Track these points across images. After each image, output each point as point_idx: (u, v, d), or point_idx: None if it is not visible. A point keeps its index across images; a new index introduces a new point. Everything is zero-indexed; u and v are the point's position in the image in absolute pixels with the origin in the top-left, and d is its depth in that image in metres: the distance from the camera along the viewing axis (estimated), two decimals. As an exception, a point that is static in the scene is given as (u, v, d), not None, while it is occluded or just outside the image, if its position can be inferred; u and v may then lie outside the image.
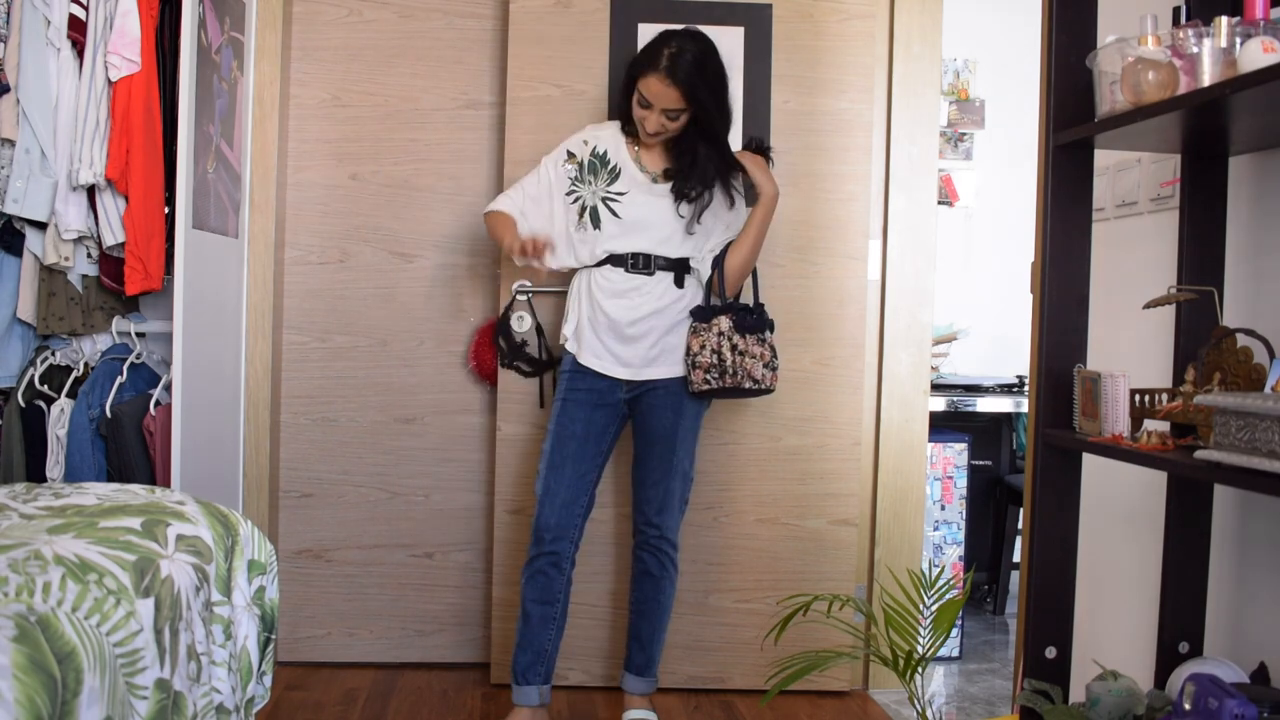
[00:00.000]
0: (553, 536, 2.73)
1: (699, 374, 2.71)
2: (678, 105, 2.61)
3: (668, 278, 2.74)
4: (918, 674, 2.14)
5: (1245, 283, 2.01)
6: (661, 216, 2.72)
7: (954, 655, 3.67)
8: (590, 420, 2.76)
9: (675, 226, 2.73)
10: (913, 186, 3.33)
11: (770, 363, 2.76)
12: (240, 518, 2.10)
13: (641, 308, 2.72)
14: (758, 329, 2.75)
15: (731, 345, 2.71)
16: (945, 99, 4.78)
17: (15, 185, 2.75)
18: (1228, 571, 2.04)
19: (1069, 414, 2.00)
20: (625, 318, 2.72)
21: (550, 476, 2.73)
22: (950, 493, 3.71)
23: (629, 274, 2.72)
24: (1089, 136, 1.93)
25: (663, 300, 2.73)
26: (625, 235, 2.72)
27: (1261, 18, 1.66)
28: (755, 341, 2.74)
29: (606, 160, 2.76)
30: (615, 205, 2.73)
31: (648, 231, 2.72)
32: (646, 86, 2.60)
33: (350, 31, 3.33)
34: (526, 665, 2.78)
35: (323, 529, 3.36)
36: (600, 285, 2.74)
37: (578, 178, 2.77)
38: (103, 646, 1.51)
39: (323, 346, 3.36)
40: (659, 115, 2.63)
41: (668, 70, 2.57)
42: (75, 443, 2.89)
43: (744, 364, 2.72)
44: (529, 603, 2.78)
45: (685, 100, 2.60)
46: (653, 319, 2.73)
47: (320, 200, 3.35)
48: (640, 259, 2.72)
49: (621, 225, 2.72)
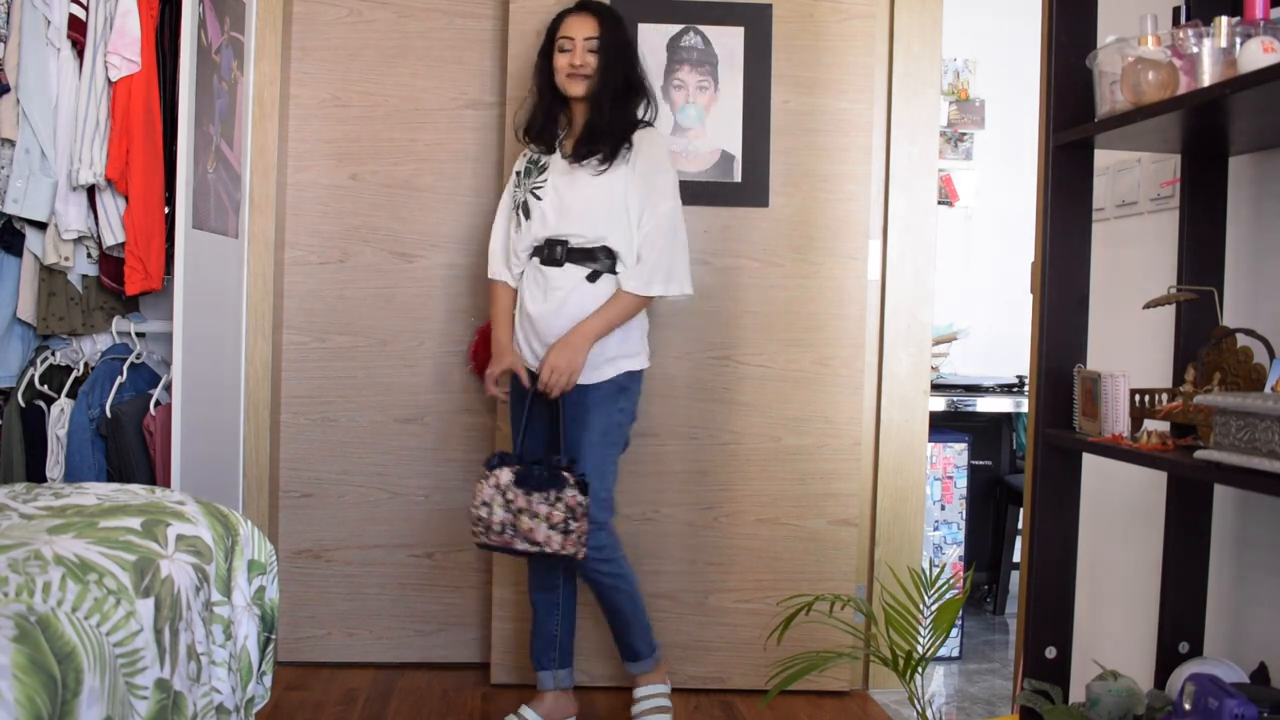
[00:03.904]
0: None
1: (471, 524, 2.68)
2: (594, 33, 2.74)
3: (579, 273, 2.70)
4: (918, 674, 2.14)
5: (1245, 283, 2.01)
6: (576, 189, 2.72)
7: (954, 655, 3.67)
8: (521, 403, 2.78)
9: (590, 194, 2.70)
10: (913, 186, 3.33)
11: (563, 525, 2.57)
12: (240, 518, 2.10)
13: (550, 301, 2.70)
14: (547, 486, 2.59)
15: (506, 501, 2.62)
16: (945, 99, 4.78)
17: (15, 185, 2.75)
18: (1228, 571, 2.04)
19: (1069, 414, 2.00)
20: (536, 311, 2.73)
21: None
22: (950, 493, 3.71)
23: (541, 266, 2.73)
24: (1089, 136, 1.93)
25: (572, 296, 2.68)
26: (546, 219, 2.72)
27: (1261, 18, 1.66)
28: (541, 500, 2.58)
29: (539, 161, 2.82)
30: (539, 190, 2.76)
31: (568, 212, 2.71)
32: (567, 27, 2.76)
33: (350, 31, 3.33)
34: (539, 651, 2.86)
35: (323, 529, 3.36)
36: (525, 278, 2.78)
37: (516, 185, 2.83)
38: (103, 646, 1.51)
39: (323, 346, 3.36)
40: (580, 49, 2.73)
41: (580, 5, 2.80)
42: (75, 443, 2.89)
43: (520, 523, 2.60)
44: (530, 592, 2.87)
45: (600, 27, 2.74)
46: (560, 316, 2.69)
47: (320, 200, 3.35)
48: (552, 249, 2.71)
49: (544, 208, 2.73)
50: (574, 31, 2.75)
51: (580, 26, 2.75)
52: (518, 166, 2.86)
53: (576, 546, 2.60)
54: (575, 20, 2.77)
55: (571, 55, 2.74)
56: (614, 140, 2.72)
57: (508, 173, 3.11)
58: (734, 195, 3.14)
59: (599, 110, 2.73)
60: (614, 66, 2.74)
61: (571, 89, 2.75)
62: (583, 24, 2.76)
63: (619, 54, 2.76)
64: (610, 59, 2.74)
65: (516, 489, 2.62)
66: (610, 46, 2.75)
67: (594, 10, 2.78)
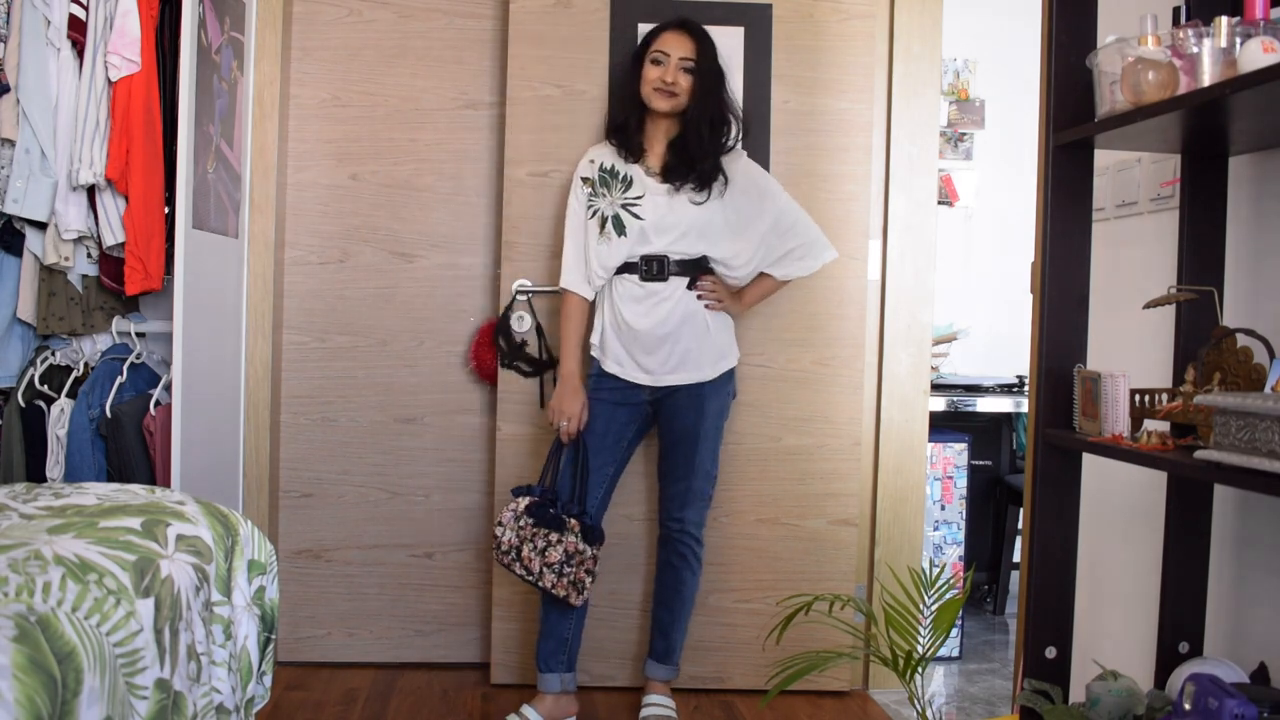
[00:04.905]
0: None
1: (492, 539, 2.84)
2: (691, 54, 2.76)
3: (682, 283, 2.79)
4: (918, 674, 2.14)
5: (1245, 283, 2.01)
6: (678, 212, 2.78)
7: (954, 655, 3.67)
8: (611, 418, 2.84)
9: (692, 218, 2.77)
10: (913, 186, 3.33)
11: (559, 568, 2.72)
12: (240, 518, 2.10)
13: (657, 314, 2.77)
14: (553, 525, 2.74)
15: (519, 527, 2.75)
16: (945, 99, 4.77)
17: (15, 185, 2.75)
18: (1228, 571, 2.04)
19: (1069, 414, 2.00)
20: (643, 326, 2.78)
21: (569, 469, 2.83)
22: (950, 493, 3.71)
23: (643, 281, 2.78)
24: (1089, 136, 1.93)
25: (679, 307, 2.78)
26: (647, 237, 2.77)
27: (1261, 18, 1.66)
28: (544, 536, 2.73)
29: (616, 172, 2.83)
30: (635, 209, 2.79)
31: (670, 230, 2.77)
32: (663, 42, 2.78)
33: (350, 31, 3.33)
34: (549, 653, 2.87)
35: (323, 529, 3.36)
36: (619, 293, 2.81)
37: (594, 194, 2.84)
38: (103, 646, 1.51)
39: (323, 346, 3.36)
40: (674, 67, 2.75)
41: (681, 23, 2.81)
42: (75, 443, 2.89)
43: (522, 550, 2.74)
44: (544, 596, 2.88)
45: (696, 49, 2.76)
46: (671, 326, 2.78)
47: (320, 200, 3.35)
48: (654, 264, 2.77)
49: (644, 227, 2.77)
50: (671, 48, 2.77)
51: (678, 44, 2.77)
52: (585, 173, 2.87)
53: (568, 590, 2.74)
54: (673, 37, 2.79)
55: (664, 70, 2.76)
56: (709, 169, 2.77)
57: (508, 173, 3.12)
58: (734, 195, 3.14)
59: (697, 135, 2.77)
60: (713, 91, 2.78)
61: (657, 103, 2.77)
62: (681, 42, 2.77)
63: (716, 79, 2.80)
64: (708, 83, 2.77)
65: (528, 518, 2.75)
66: (706, 70, 2.78)
67: (693, 32, 2.80)
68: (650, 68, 2.77)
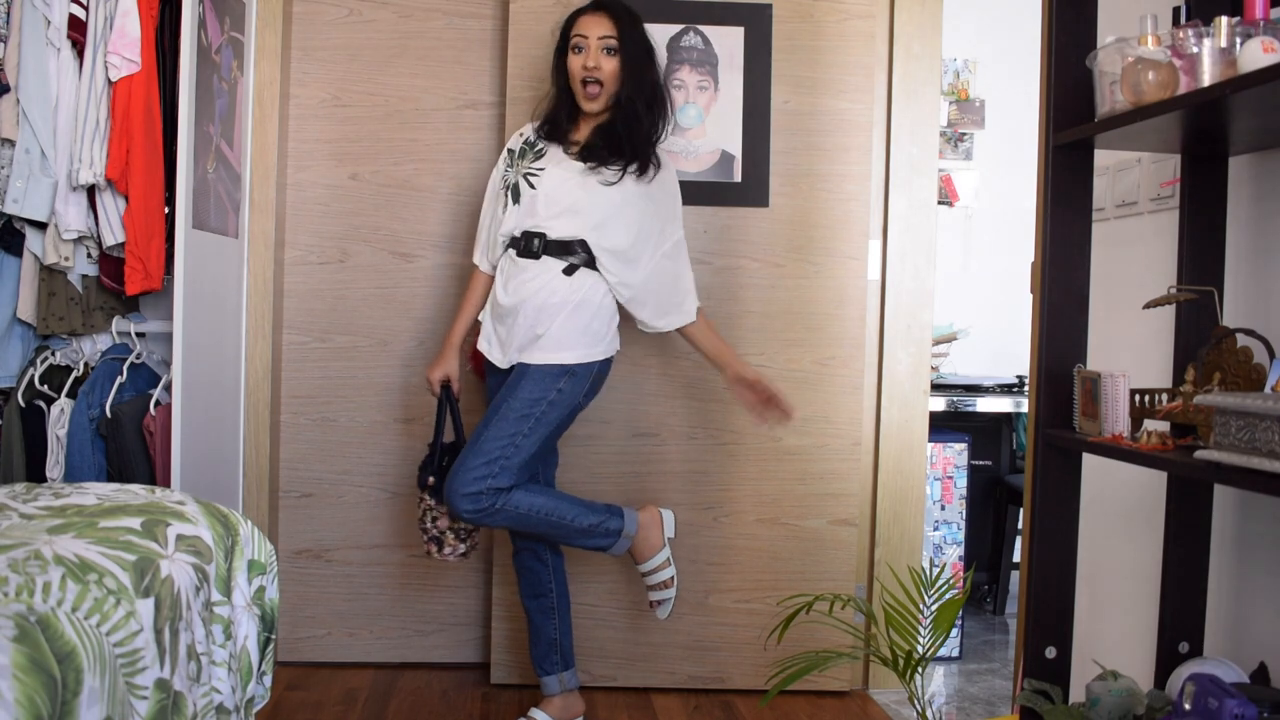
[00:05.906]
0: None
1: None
2: (611, 32, 2.64)
3: (556, 265, 2.64)
4: (918, 674, 2.14)
5: (1245, 283, 2.01)
6: (575, 191, 2.64)
7: (954, 655, 3.67)
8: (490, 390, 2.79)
9: (592, 199, 2.63)
10: (913, 186, 3.33)
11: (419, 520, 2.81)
12: (240, 518, 2.10)
13: (519, 291, 2.64)
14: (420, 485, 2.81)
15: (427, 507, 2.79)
16: (945, 99, 4.78)
17: (15, 185, 2.75)
18: (1228, 571, 2.04)
19: (1069, 414, 2.00)
20: (506, 302, 2.67)
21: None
22: (950, 493, 3.71)
23: (518, 257, 2.67)
24: (1089, 136, 1.93)
25: (544, 288, 2.62)
26: (535, 209, 2.65)
27: (1261, 18, 1.66)
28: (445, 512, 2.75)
29: (535, 144, 2.74)
30: (534, 178, 2.68)
31: (556, 204, 2.64)
32: (580, 26, 2.67)
33: (350, 31, 3.33)
34: (541, 656, 2.83)
35: (323, 529, 3.36)
36: (500, 267, 2.73)
37: (509, 164, 2.76)
38: (103, 646, 1.51)
39: (323, 346, 3.36)
40: (595, 49, 2.64)
41: (596, 4, 2.70)
42: (75, 443, 2.89)
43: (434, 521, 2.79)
44: (523, 599, 2.85)
45: (616, 26, 2.64)
46: (529, 302, 2.63)
47: (320, 200, 3.35)
48: (532, 240, 2.64)
49: (535, 196, 2.65)
50: (588, 30, 2.65)
51: (596, 25, 2.66)
52: (511, 144, 2.79)
53: (424, 544, 2.81)
54: (590, 20, 2.67)
55: (585, 56, 2.65)
56: (639, 158, 2.65)
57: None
58: (734, 195, 3.14)
59: (632, 113, 2.66)
60: (644, 69, 2.67)
61: (585, 104, 2.67)
62: (598, 23, 2.66)
63: (644, 54, 2.68)
64: (636, 60, 2.66)
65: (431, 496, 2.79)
66: (631, 48, 2.66)
67: (610, 9, 2.68)
68: (573, 57, 2.66)
